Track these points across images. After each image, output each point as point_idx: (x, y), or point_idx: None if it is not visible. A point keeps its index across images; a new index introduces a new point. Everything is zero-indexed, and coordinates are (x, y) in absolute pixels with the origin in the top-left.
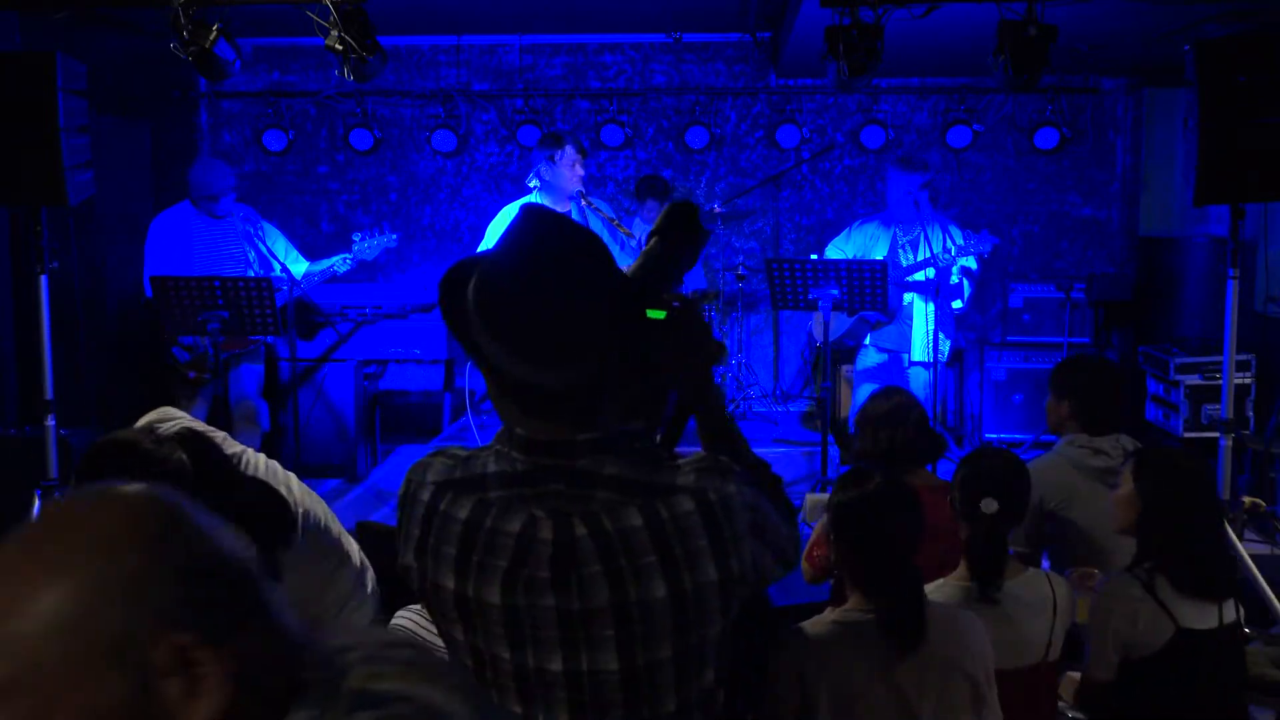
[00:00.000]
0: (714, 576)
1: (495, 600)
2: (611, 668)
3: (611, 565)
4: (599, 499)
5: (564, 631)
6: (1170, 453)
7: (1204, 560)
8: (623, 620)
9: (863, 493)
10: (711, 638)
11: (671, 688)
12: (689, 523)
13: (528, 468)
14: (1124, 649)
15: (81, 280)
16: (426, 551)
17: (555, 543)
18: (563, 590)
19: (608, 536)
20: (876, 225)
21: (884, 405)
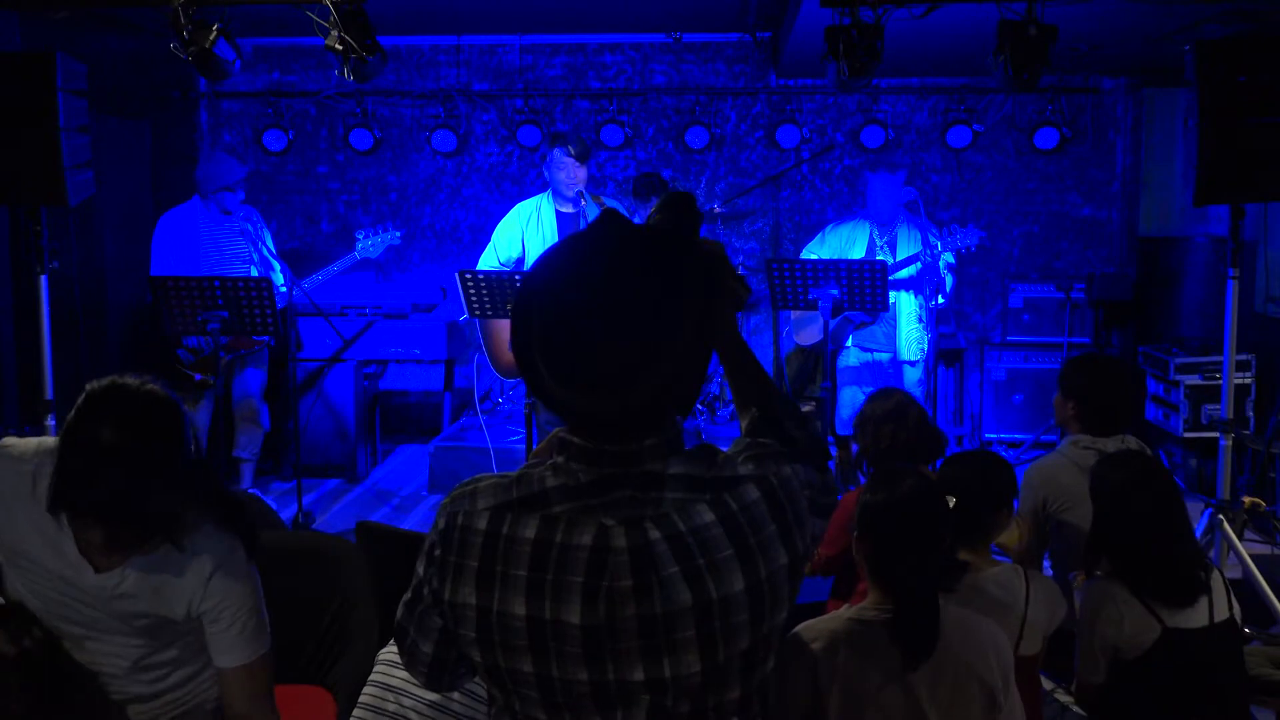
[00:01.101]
0: (784, 560)
1: (574, 620)
2: (694, 669)
3: (689, 565)
4: (668, 500)
5: (646, 640)
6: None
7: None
8: (704, 619)
9: (894, 495)
10: (779, 624)
11: (738, 677)
12: (758, 512)
13: (592, 478)
14: (1113, 651)
15: (81, 280)
16: (494, 579)
17: (631, 550)
18: (644, 597)
19: (682, 536)
20: (852, 226)
21: (884, 405)
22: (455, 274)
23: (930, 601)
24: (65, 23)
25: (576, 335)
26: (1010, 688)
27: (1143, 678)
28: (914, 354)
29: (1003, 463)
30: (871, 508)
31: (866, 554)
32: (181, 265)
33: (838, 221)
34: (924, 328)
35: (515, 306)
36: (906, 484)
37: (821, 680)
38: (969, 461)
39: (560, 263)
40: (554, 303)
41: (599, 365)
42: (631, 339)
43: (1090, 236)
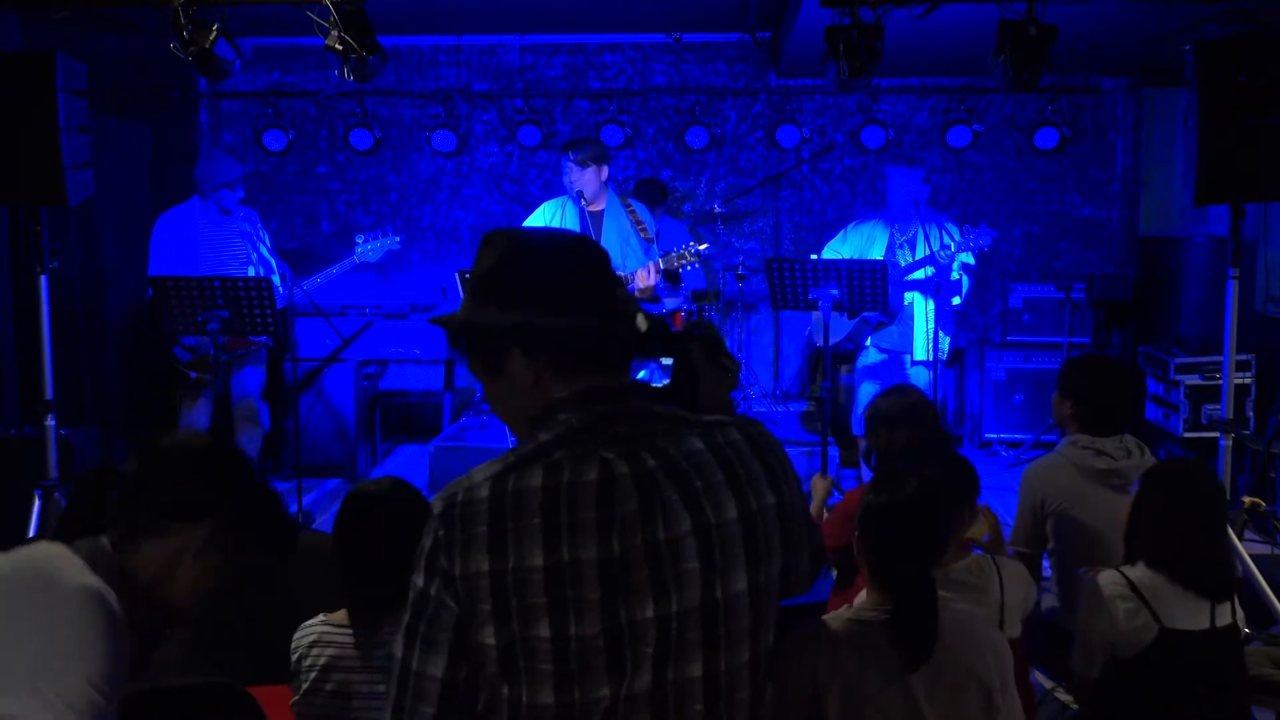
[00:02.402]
0: (771, 500)
1: (592, 555)
2: (694, 603)
3: (687, 488)
4: (659, 431)
5: (653, 569)
6: (1176, 465)
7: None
8: (704, 546)
9: (897, 497)
10: (774, 577)
11: (746, 636)
12: (742, 448)
13: (585, 421)
14: (1109, 647)
15: (81, 280)
16: (506, 537)
17: (634, 476)
18: (649, 523)
19: (676, 462)
20: (874, 225)
21: (897, 403)
22: (455, 274)
23: (930, 602)
24: (65, 23)
25: (579, 274)
26: (1009, 688)
27: (1140, 677)
28: (929, 354)
29: (961, 462)
30: (874, 509)
31: (867, 554)
32: (180, 265)
33: (859, 220)
34: (942, 329)
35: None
36: (909, 486)
37: (821, 680)
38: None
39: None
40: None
41: (603, 291)
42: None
43: (1090, 236)
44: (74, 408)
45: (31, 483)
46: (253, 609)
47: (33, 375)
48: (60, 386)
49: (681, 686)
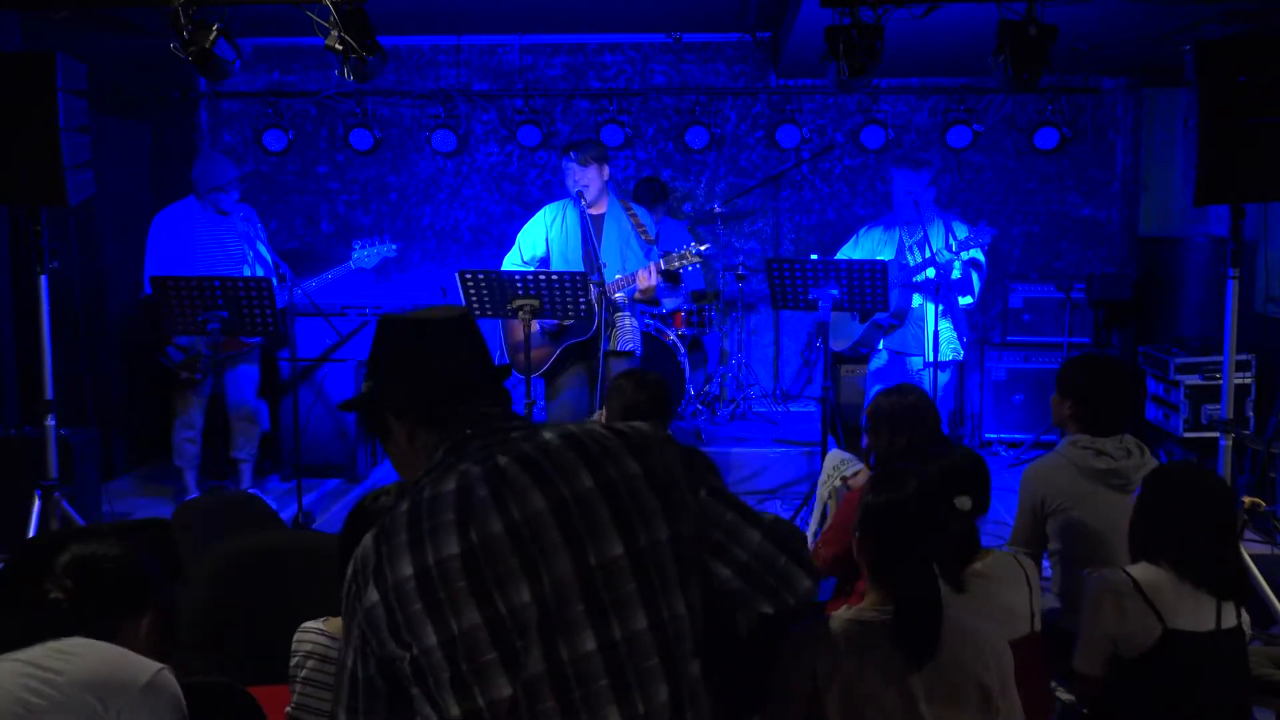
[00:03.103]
0: (636, 468)
1: (454, 550)
2: (568, 573)
3: (539, 472)
4: (512, 438)
5: (520, 551)
6: (1180, 467)
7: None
8: (564, 519)
9: (897, 497)
10: (661, 542)
11: (636, 599)
12: (599, 434)
13: (446, 449)
14: (1112, 645)
15: (81, 280)
16: (423, 535)
17: (486, 473)
18: (501, 507)
19: (527, 455)
20: (883, 229)
21: (899, 404)
22: (455, 274)
23: (932, 603)
24: (65, 23)
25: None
26: (1009, 690)
27: (1143, 677)
28: (944, 355)
29: (971, 455)
30: (874, 509)
31: (868, 555)
32: (177, 264)
33: (871, 224)
34: (955, 329)
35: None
36: (909, 486)
37: (821, 680)
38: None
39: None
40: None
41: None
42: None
43: (1090, 236)
44: (74, 408)
45: (31, 483)
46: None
47: (33, 375)
48: (60, 386)
49: (578, 662)
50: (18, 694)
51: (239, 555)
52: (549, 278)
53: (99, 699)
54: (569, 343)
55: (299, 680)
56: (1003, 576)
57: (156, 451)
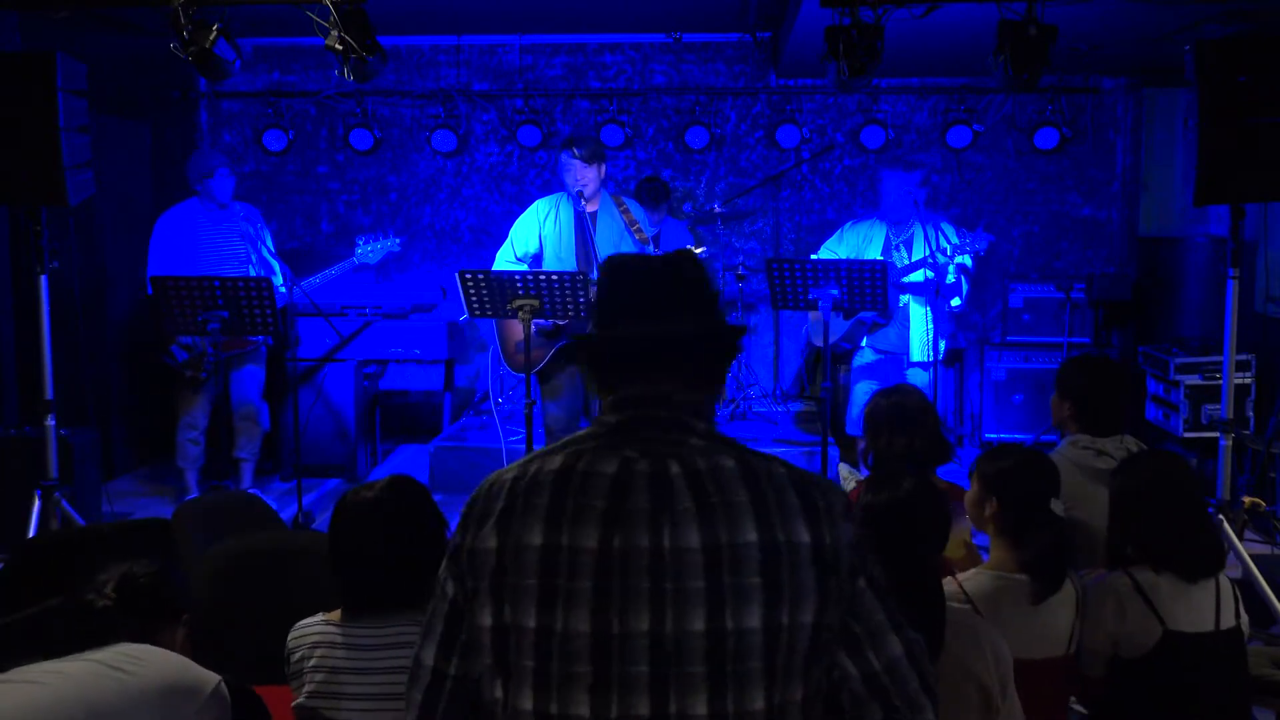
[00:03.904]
0: (806, 539)
1: (591, 544)
2: (697, 628)
3: (704, 500)
4: (691, 445)
5: (654, 580)
6: (1149, 452)
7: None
8: (712, 566)
9: (895, 496)
10: (804, 626)
11: (760, 677)
12: (781, 481)
13: (621, 420)
14: (1112, 646)
15: (81, 280)
16: (514, 514)
17: (651, 475)
18: (657, 526)
19: (700, 474)
20: (870, 226)
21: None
22: (455, 274)
23: (935, 603)
24: (65, 23)
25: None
26: (1009, 691)
27: (1143, 678)
28: (926, 355)
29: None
30: (873, 509)
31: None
32: (179, 265)
33: (856, 220)
34: (939, 331)
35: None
36: (907, 485)
37: None
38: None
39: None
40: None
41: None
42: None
43: (1090, 236)
44: (74, 408)
45: (31, 483)
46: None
47: (33, 375)
48: (60, 386)
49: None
50: (88, 694)
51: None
52: (549, 278)
53: (166, 704)
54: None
55: (308, 669)
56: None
57: (157, 451)
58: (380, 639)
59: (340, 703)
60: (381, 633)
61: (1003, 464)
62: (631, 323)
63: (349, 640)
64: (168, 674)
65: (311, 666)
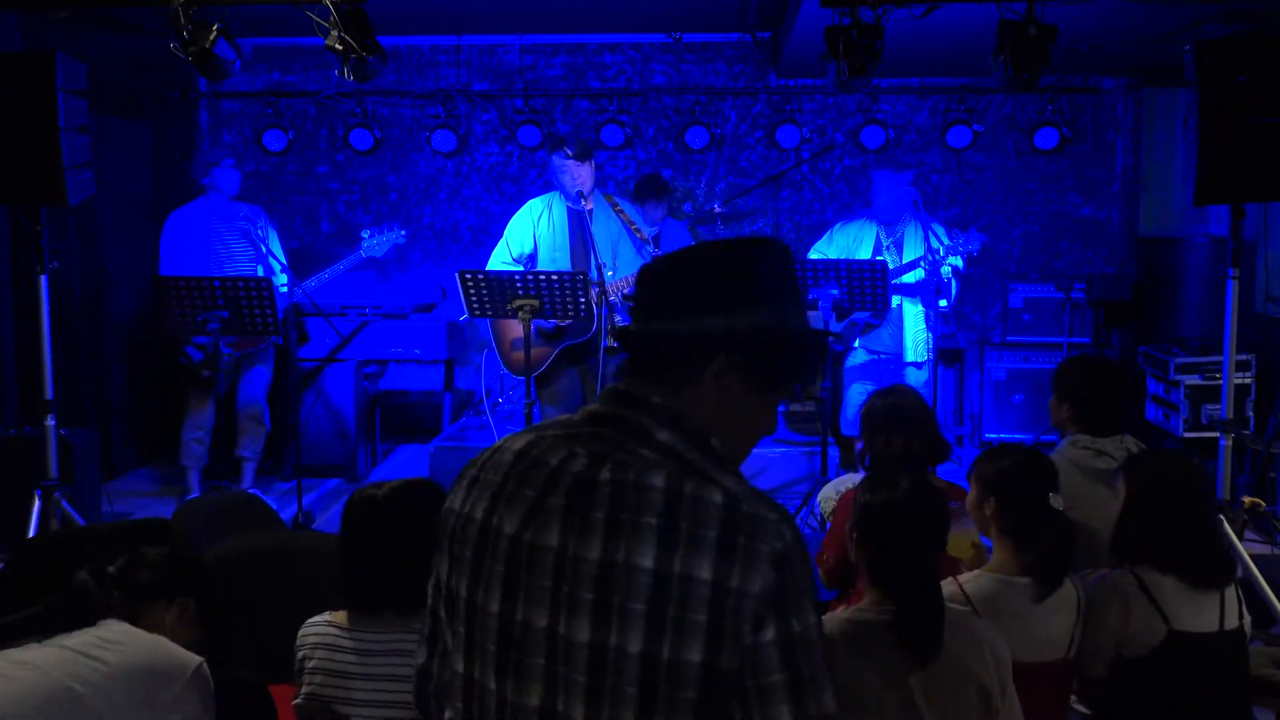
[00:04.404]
0: (707, 576)
1: (511, 530)
2: (582, 638)
3: (616, 514)
4: (641, 455)
5: (555, 581)
6: (1159, 450)
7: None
8: (603, 582)
9: (893, 495)
10: (689, 665)
11: (633, 703)
12: (708, 513)
13: (596, 412)
14: (1116, 645)
15: (81, 280)
16: (476, 483)
17: (579, 476)
18: (567, 528)
19: (625, 488)
20: (860, 225)
21: (895, 406)
22: (455, 274)
23: (934, 602)
24: (65, 23)
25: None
26: (1008, 691)
27: (1145, 679)
28: (920, 355)
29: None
30: (871, 508)
31: (866, 555)
32: (189, 264)
33: (845, 220)
34: (928, 330)
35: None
36: (904, 484)
37: None
38: None
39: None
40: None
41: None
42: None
43: (1090, 236)
44: (74, 408)
45: (31, 483)
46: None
47: (33, 375)
48: (60, 386)
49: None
50: (65, 681)
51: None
52: (549, 278)
53: (143, 687)
54: (568, 344)
55: (308, 670)
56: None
57: (158, 451)
58: (384, 644)
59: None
60: (385, 637)
61: (1000, 465)
62: (640, 317)
63: (353, 644)
64: (143, 658)
65: (310, 667)
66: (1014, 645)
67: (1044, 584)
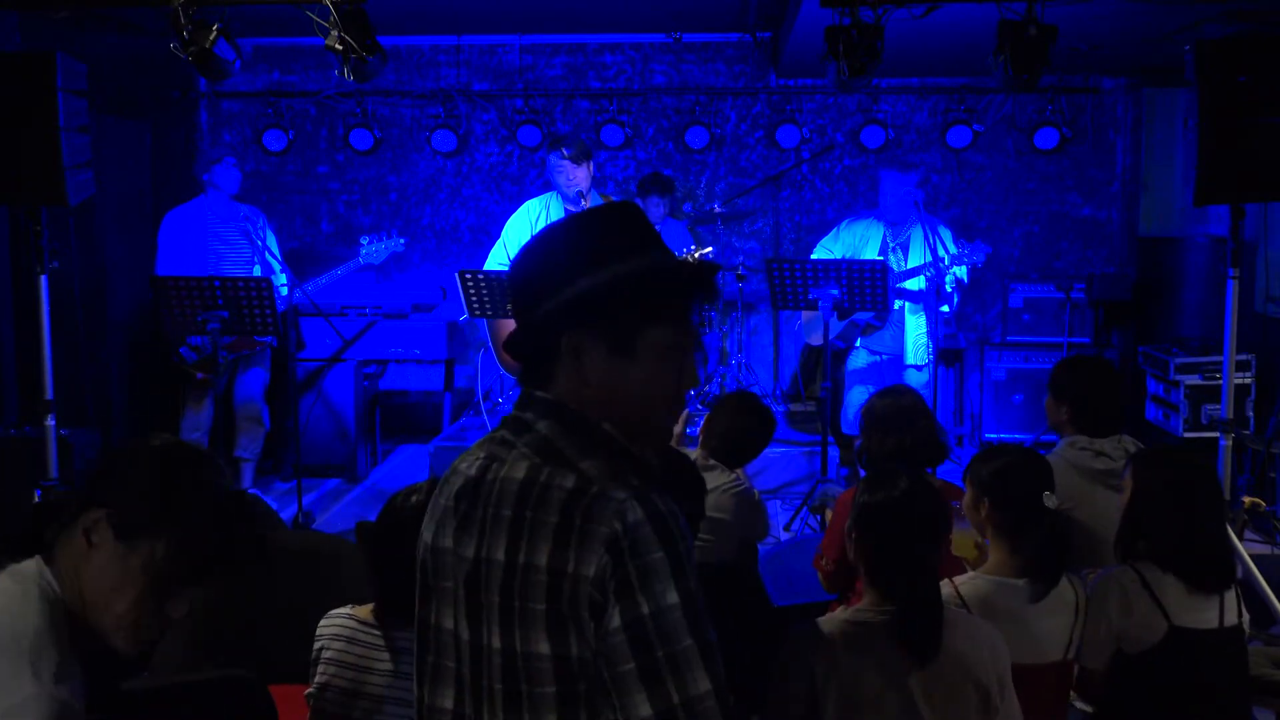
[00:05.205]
0: (543, 562)
1: (428, 539)
2: (465, 638)
3: (483, 511)
4: (518, 449)
5: (454, 580)
6: (1171, 447)
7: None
8: (472, 579)
9: (891, 495)
10: (541, 657)
11: (501, 700)
12: (552, 499)
13: (504, 418)
14: (1116, 640)
15: (81, 280)
16: (434, 509)
17: (473, 479)
18: (460, 533)
19: (492, 484)
20: (867, 224)
21: (893, 405)
22: (455, 274)
23: (933, 601)
24: (65, 23)
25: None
26: (1007, 690)
27: (1145, 675)
28: (920, 358)
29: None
30: (870, 508)
31: (865, 554)
32: (186, 263)
33: (853, 218)
34: (930, 335)
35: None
36: (902, 484)
37: (819, 681)
38: None
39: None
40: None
41: (514, 280)
42: (538, 269)
43: (1090, 236)
44: (74, 408)
45: (31, 483)
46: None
47: (33, 375)
48: (60, 386)
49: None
50: None
51: None
52: None
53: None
54: None
55: (324, 660)
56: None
57: None
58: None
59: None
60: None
61: (993, 466)
62: (512, 295)
63: (383, 642)
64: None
65: (326, 658)
66: (1012, 647)
67: (1040, 583)
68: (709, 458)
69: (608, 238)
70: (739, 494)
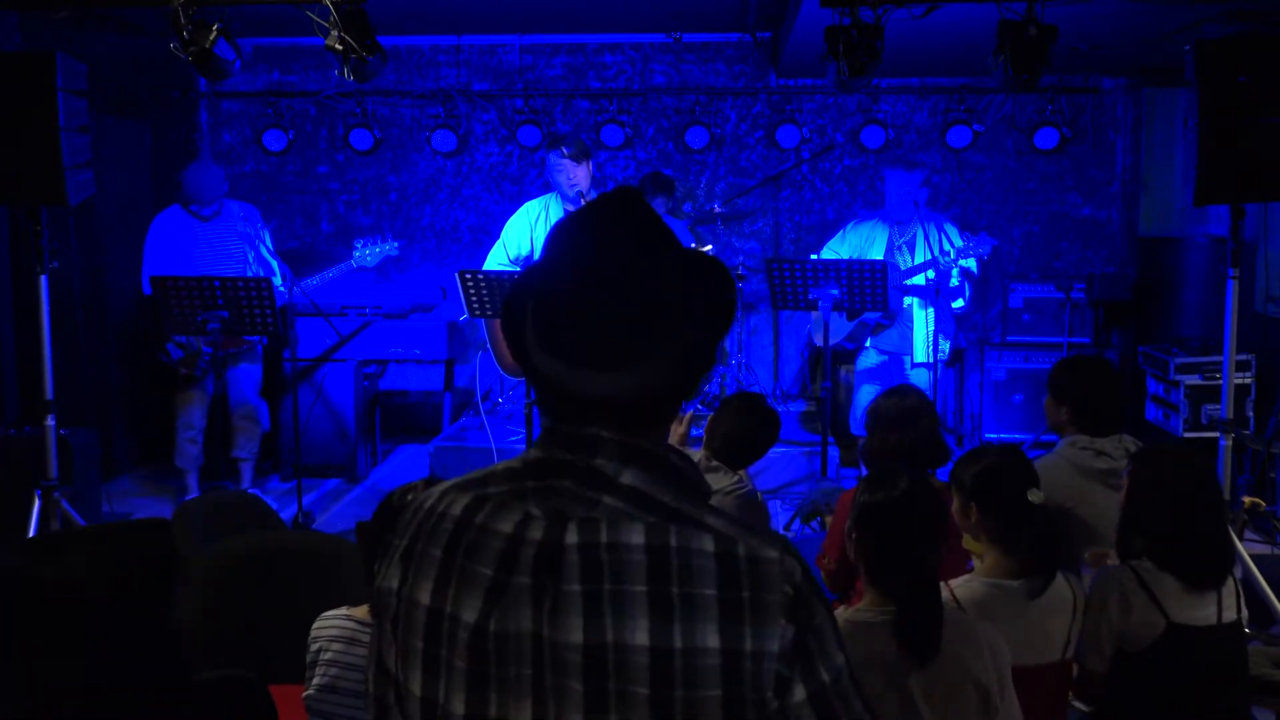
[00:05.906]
0: (715, 644)
1: (470, 619)
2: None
3: (594, 585)
4: (605, 505)
5: (536, 670)
6: (1166, 444)
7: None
8: (593, 669)
9: (891, 495)
10: None
11: None
12: (699, 566)
13: (539, 457)
14: (1116, 639)
15: (81, 280)
16: (412, 558)
17: (542, 544)
18: (538, 610)
19: (598, 550)
20: (873, 225)
21: (898, 405)
22: (455, 274)
23: (933, 601)
24: (65, 23)
25: (573, 305)
26: (1007, 690)
27: (1145, 674)
28: (927, 357)
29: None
30: (870, 508)
31: (865, 554)
32: (176, 265)
33: (859, 220)
34: (942, 332)
35: (515, 283)
36: (902, 483)
37: None
38: None
39: (561, 237)
40: (555, 273)
41: (597, 338)
42: (632, 313)
43: (1090, 236)
44: (74, 408)
45: (31, 483)
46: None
47: (33, 375)
48: (60, 386)
49: None
50: None
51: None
52: None
53: None
54: None
55: (323, 662)
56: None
57: (157, 451)
58: None
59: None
60: None
61: (973, 470)
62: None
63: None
64: None
65: (326, 660)
66: (1011, 647)
67: (1036, 579)
68: (712, 459)
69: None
70: (742, 497)
